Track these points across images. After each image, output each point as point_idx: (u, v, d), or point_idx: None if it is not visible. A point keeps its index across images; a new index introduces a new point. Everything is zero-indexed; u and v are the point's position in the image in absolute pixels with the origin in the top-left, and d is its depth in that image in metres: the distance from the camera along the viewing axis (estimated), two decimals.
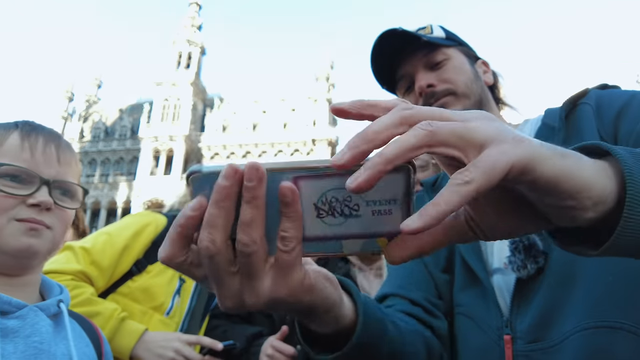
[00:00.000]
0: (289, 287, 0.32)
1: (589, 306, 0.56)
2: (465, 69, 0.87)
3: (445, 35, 0.88)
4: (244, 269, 0.32)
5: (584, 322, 0.55)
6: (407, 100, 0.90)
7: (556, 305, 0.59)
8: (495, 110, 0.88)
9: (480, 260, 0.70)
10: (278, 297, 0.32)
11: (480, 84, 0.87)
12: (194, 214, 0.31)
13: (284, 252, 0.31)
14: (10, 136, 0.70)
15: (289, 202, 0.30)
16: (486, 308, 0.67)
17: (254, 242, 0.30)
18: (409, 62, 0.87)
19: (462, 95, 0.83)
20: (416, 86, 0.85)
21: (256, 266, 0.31)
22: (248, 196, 0.29)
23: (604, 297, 0.55)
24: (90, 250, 1.16)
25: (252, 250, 0.30)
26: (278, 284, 0.32)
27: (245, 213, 0.30)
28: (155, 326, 1.21)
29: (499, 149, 0.27)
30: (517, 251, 0.62)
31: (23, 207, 0.66)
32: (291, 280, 0.32)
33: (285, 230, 0.30)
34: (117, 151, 38.58)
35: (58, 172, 0.71)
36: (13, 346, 0.61)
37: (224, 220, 0.30)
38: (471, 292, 0.70)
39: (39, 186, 0.67)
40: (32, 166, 0.68)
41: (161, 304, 1.26)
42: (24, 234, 0.66)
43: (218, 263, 0.31)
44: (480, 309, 0.68)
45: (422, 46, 0.86)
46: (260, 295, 0.32)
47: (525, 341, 0.60)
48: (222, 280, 0.32)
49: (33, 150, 0.69)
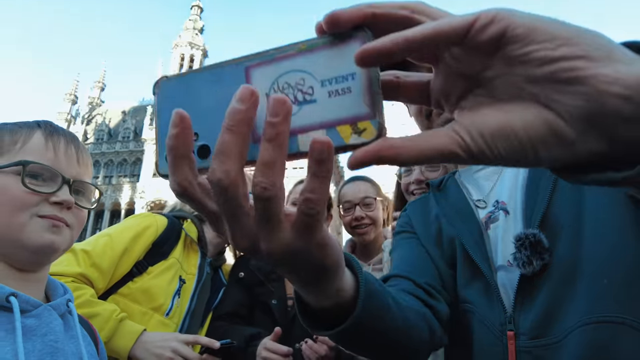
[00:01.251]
0: (307, 242, 0.30)
1: (590, 302, 0.56)
2: None
3: None
4: (262, 214, 0.28)
5: (585, 317, 0.56)
6: (412, 104, 0.93)
7: (559, 301, 0.60)
8: None
9: (485, 257, 0.71)
10: (296, 250, 0.30)
11: None
12: (177, 130, 0.28)
13: (306, 216, 0.28)
14: (34, 135, 0.71)
15: (324, 159, 0.26)
16: (489, 304, 0.68)
17: (273, 186, 0.27)
18: (414, 65, 0.90)
19: None
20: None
21: (275, 213, 0.28)
22: (271, 133, 0.26)
23: (605, 292, 0.56)
24: (91, 252, 1.18)
25: (270, 194, 0.27)
26: (297, 239, 0.29)
27: (265, 153, 0.26)
28: (154, 327, 1.23)
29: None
30: (523, 247, 0.62)
31: (46, 204, 0.67)
32: (311, 238, 0.29)
33: (312, 191, 0.27)
34: (120, 153, 38.68)
35: (78, 172, 0.73)
36: (31, 345, 0.62)
37: (239, 149, 0.27)
38: (475, 288, 0.71)
39: (61, 185, 0.69)
40: (56, 165, 0.70)
41: (161, 305, 1.27)
42: (46, 230, 0.67)
43: (233, 197, 0.28)
44: (483, 305, 0.69)
45: None
46: (277, 244, 0.29)
47: (528, 337, 0.61)
48: (236, 218, 0.29)
49: (56, 150, 0.71)
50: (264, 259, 0.31)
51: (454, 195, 0.85)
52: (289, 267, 0.33)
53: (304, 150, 0.27)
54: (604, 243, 0.58)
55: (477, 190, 0.83)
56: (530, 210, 0.68)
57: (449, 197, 0.86)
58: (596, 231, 0.60)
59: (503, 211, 0.74)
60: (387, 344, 0.52)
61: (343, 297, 0.40)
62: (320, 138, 0.25)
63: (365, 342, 0.49)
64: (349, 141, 0.27)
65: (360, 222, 1.68)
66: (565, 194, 0.66)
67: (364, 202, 1.70)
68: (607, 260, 0.57)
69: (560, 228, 0.63)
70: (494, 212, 0.76)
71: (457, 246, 0.76)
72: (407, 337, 0.55)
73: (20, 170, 0.66)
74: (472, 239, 0.74)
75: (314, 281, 0.36)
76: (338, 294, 0.39)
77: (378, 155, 0.26)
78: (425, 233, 0.83)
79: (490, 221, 0.75)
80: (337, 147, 0.27)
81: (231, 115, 0.27)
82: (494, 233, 0.74)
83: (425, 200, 0.93)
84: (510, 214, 0.73)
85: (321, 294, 0.38)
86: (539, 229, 0.63)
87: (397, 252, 0.86)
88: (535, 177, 0.71)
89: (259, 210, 0.28)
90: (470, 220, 0.77)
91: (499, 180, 0.80)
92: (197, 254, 1.45)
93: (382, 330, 0.48)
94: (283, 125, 0.26)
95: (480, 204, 0.79)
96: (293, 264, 0.32)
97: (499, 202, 0.76)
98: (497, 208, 0.76)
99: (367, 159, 0.26)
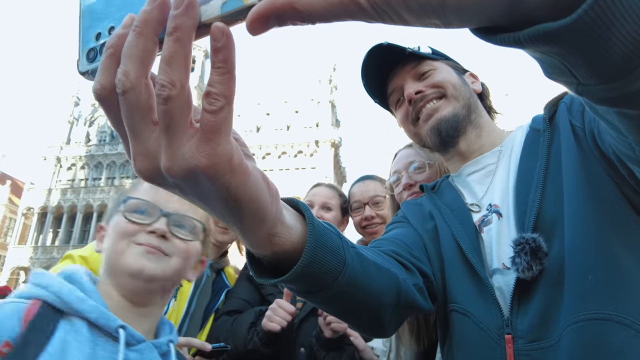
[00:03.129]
0: (211, 157, 0.27)
1: (576, 299, 0.57)
2: (452, 75, 0.89)
3: (432, 52, 0.92)
4: (162, 121, 0.27)
5: (573, 315, 0.56)
6: (398, 112, 0.94)
7: (553, 303, 0.60)
8: (485, 117, 0.90)
9: (481, 260, 0.71)
10: (197, 167, 0.27)
11: (468, 89, 0.89)
12: (125, 31, 0.27)
13: (209, 113, 0.26)
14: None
15: (220, 47, 0.25)
16: (485, 307, 0.68)
17: (172, 85, 0.25)
18: (398, 75, 0.91)
19: (451, 97, 0.85)
20: (405, 94, 0.87)
21: (176, 119, 0.26)
22: (171, 27, 0.25)
23: (590, 289, 0.56)
24: (88, 258, 1.19)
25: (170, 93, 0.25)
26: (200, 150, 0.27)
27: (165, 47, 0.25)
28: None
29: None
30: (523, 253, 0.62)
31: (143, 233, 0.75)
32: (215, 148, 0.27)
33: (212, 84, 0.26)
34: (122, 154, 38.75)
35: (178, 208, 0.79)
36: None
37: (140, 51, 0.26)
38: (469, 290, 0.71)
39: (158, 217, 0.76)
40: (155, 200, 0.77)
41: None
42: (141, 256, 0.73)
43: (132, 104, 0.26)
44: (479, 308, 0.69)
45: (409, 60, 0.89)
46: (177, 159, 0.27)
47: (526, 340, 0.61)
48: (136, 130, 0.28)
49: (158, 189, 0.80)
50: (165, 182, 0.29)
51: (450, 197, 0.85)
52: (196, 194, 0.30)
53: (205, 20, 0.26)
54: (585, 239, 0.58)
55: (470, 195, 0.83)
56: (522, 212, 0.68)
57: (444, 198, 0.87)
58: (576, 228, 0.60)
59: (496, 214, 0.74)
60: (351, 302, 0.49)
61: (281, 247, 0.37)
62: (218, 25, 0.24)
63: (323, 301, 0.46)
64: (248, 1, 0.24)
65: (371, 222, 1.66)
66: (551, 191, 0.66)
67: (374, 201, 1.68)
68: (589, 257, 0.57)
69: (552, 229, 0.63)
70: (487, 215, 0.76)
71: (452, 245, 0.76)
72: (372, 296, 0.52)
73: (124, 207, 0.76)
74: (468, 240, 0.74)
75: (232, 218, 0.32)
76: (272, 241, 0.36)
77: (274, 5, 0.23)
78: (421, 228, 0.83)
79: (484, 224, 0.76)
80: (236, 10, 0.25)
81: (138, 16, 0.26)
82: (488, 236, 0.74)
83: (418, 202, 0.93)
84: (503, 217, 0.73)
85: (252, 239, 0.35)
86: (537, 233, 0.63)
87: (386, 234, 0.85)
88: (525, 177, 0.71)
89: (159, 116, 0.27)
90: (466, 222, 0.78)
91: (491, 183, 0.80)
92: None
93: (335, 285, 0.43)
94: (183, 18, 0.25)
95: (474, 208, 0.79)
96: (198, 188, 0.29)
97: (492, 205, 0.76)
98: (490, 211, 0.76)
99: (264, 12, 0.23)
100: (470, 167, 0.85)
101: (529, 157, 0.73)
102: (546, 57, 0.26)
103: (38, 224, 32.59)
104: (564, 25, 0.23)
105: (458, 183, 0.88)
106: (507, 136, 0.85)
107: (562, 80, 0.28)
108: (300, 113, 38.46)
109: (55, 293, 0.66)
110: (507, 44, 0.25)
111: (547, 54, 0.26)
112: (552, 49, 0.25)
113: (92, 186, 34.01)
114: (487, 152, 0.85)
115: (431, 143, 0.87)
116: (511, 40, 0.25)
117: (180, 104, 0.26)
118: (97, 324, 0.65)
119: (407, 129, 0.93)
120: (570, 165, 0.65)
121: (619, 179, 0.59)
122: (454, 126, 0.84)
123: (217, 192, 0.29)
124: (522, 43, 0.24)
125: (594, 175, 0.61)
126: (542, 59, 0.27)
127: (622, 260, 0.56)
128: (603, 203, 0.60)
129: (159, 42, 0.27)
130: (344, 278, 0.44)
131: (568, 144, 0.67)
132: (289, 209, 0.39)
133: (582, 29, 0.22)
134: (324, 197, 1.67)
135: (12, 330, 0.60)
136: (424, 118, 0.86)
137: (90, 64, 0.30)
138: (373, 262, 0.52)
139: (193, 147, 0.27)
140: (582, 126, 0.67)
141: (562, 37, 0.23)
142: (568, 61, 0.26)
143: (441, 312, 0.77)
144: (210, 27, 0.24)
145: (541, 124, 0.75)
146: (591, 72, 0.25)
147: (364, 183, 1.75)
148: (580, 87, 0.27)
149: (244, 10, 0.25)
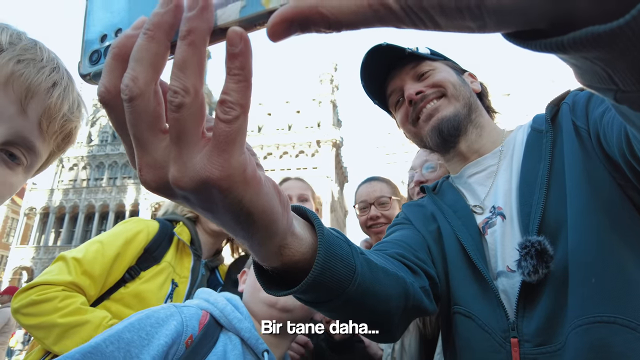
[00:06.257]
0: (224, 168, 0.25)
1: (581, 302, 0.56)
2: (451, 75, 0.88)
3: (430, 52, 0.91)
4: (173, 130, 0.25)
5: (578, 319, 0.56)
6: (398, 113, 0.93)
7: (559, 307, 0.60)
8: (485, 116, 0.89)
9: (485, 262, 0.71)
10: (210, 179, 0.25)
11: (468, 89, 0.88)
12: (134, 32, 0.25)
13: (223, 122, 0.25)
14: None
15: (238, 53, 0.24)
16: (490, 310, 0.67)
17: (186, 91, 0.24)
18: (397, 76, 0.90)
19: (451, 97, 0.85)
20: (405, 95, 0.87)
21: (188, 128, 0.25)
22: (184, 30, 0.24)
23: (594, 292, 0.56)
24: (82, 260, 1.18)
25: (183, 101, 0.24)
26: (212, 162, 0.25)
27: (178, 52, 0.24)
28: None
29: None
30: (530, 256, 0.61)
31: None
32: (229, 160, 0.25)
33: (228, 92, 0.24)
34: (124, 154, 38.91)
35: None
36: None
37: (152, 55, 0.24)
38: (473, 293, 0.70)
39: None
40: None
41: None
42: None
43: (139, 112, 0.25)
44: (483, 310, 0.68)
45: (408, 61, 0.89)
46: (187, 171, 0.25)
47: (533, 344, 0.61)
48: (143, 140, 0.26)
49: None
50: (172, 194, 0.27)
51: (451, 198, 0.85)
52: (205, 206, 0.28)
53: (222, 24, 0.25)
54: (588, 241, 0.58)
55: (472, 196, 0.83)
56: (526, 214, 0.67)
57: (446, 199, 0.86)
58: (580, 230, 0.59)
59: (500, 216, 0.73)
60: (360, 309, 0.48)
61: (291, 258, 0.36)
62: (236, 29, 0.23)
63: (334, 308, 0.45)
64: (269, 5, 0.23)
65: (376, 222, 1.68)
66: (555, 193, 0.65)
67: (379, 202, 1.70)
68: (592, 259, 0.57)
69: (557, 231, 0.63)
70: (491, 217, 0.75)
71: (456, 247, 0.75)
72: (381, 302, 0.51)
73: None
74: (472, 242, 0.73)
75: (242, 231, 0.31)
76: (282, 252, 0.35)
77: (298, 10, 0.22)
78: (424, 229, 0.83)
79: (488, 226, 0.75)
80: (256, 14, 0.24)
81: (149, 19, 0.25)
82: (492, 238, 0.73)
83: (420, 203, 0.92)
84: (507, 219, 0.72)
85: (262, 251, 0.34)
86: (543, 236, 0.62)
87: (390, 236, 0.84)
88: (528, 179, 0.71)
89: (170, 125, 0.25)
90: (470, 223, 0.77)
91: (493, 185, 0.79)
92: (190, 257, 1.44)
93: (346, 295, 0.43)
94: (198, 21, 0.23)
95: (477, 210, 0.79)
96: (208, 201, 0.27)
97: (495, 207, 0.75)
98: (494, 213, 0.75)
99: (288, 17, 0.22)
100: (471, 169, 0.85)
101: (531, 159, 0.73)
102: (586, 63, 0.24)
103: (40, 224, 32.72)
104: (617, 27, 0.20)
105: (459, 184, 0.87)
106: (508, 136, 0.84)
107: (599, 87, 0.25)
108: (302, 113, 38.52)
109: (220, 310, 0.80)
110: (547, 50, 0.23)
111: (589, 60, 0.23)
112: (599, 54, 0.22)
113: (94, 186, 34.13)
114: (487, 152, 0.84)
115: (432, 143, 0.87)
116: (554, 45, 0.22)
117: (193, 112, 0.25)
118: (248, 343, 0.78)
119: (407, 130, 0.92)
120: (573, 167, 0.64)
121: (623, 180, 0.58)
122: (455, 126, 0.83)
123: (229, 205, 0.27)
124: (566, 48, 0.22)
125: (597, 176, 0.61)
126: (581, 65, 0.24)
127: (625, 263, 0.55)
128: (606, 205, 0.59)
129: (170, 46, 0.25)
130: (354, 286, 0.43)
131: (571, 145, 0.66)
132: (298, 218, 0.38)
133: (635, 30, 0.20)
134: (299, 189, 1.67)
135: (194, 329, 0.74)
136: (424, 118, 0.86)
137: (92, 66, 0.29)
138: (382, 267, 0.51)
139: (205, 158, 0.25)
140: (586, 127, 0.66)
141: (614, 40, 0.21)
142: (612, 67, 0.23)
143: (444, 314, 0.76)
144: (227, 31, 0.23)
145: (543, 124, 0.74)
146: (636, 77, 0.23)
147: (370, 184, 1.78)
148: (620, 93, 0.25)
149: (264, 15, 0.23)
